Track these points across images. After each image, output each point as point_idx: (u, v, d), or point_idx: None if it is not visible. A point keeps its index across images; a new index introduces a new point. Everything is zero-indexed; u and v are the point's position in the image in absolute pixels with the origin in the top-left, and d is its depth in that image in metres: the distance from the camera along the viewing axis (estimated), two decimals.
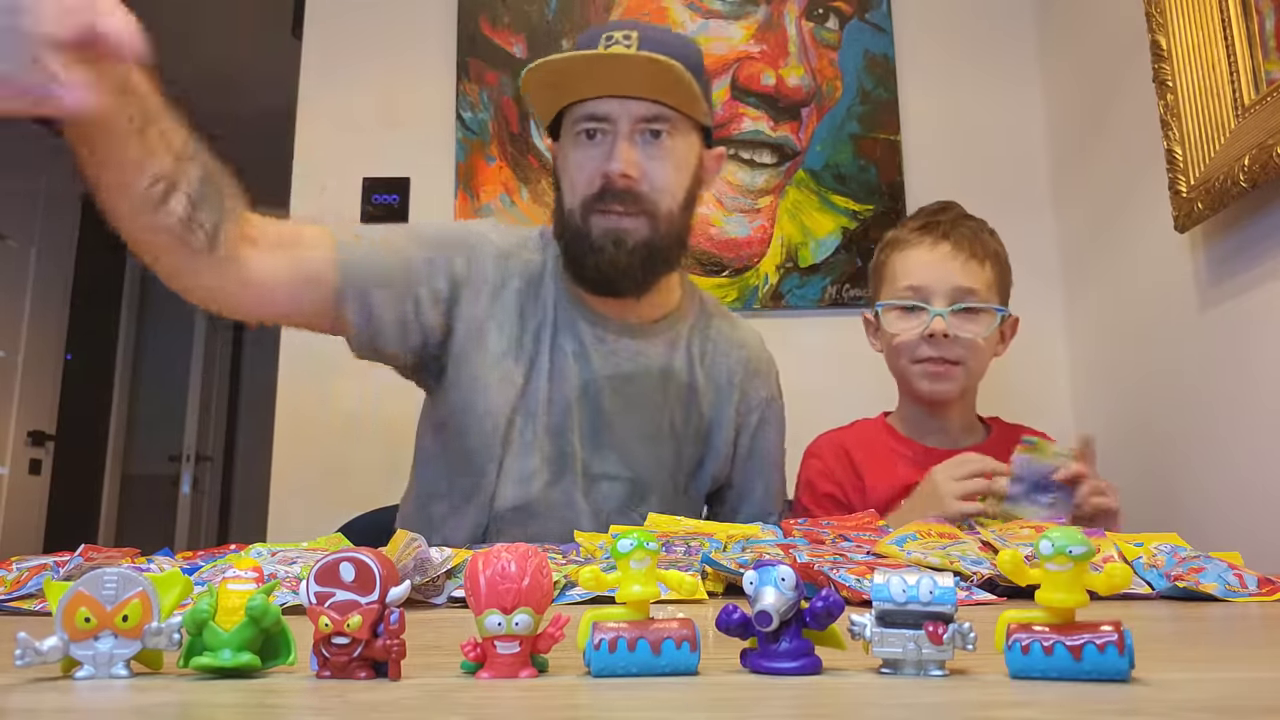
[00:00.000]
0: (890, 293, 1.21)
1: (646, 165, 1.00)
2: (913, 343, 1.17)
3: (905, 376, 1.21)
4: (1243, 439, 1.23)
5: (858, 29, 1.96)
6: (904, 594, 0.34)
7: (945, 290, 1.16)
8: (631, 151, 0.99)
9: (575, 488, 1.05)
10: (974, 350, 1.16)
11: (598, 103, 1.00)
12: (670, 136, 1.02)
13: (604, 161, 1.00)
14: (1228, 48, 1.23)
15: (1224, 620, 0.57)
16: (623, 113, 0.99)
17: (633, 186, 1.00)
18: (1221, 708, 0.30)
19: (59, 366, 3.71)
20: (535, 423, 1.05)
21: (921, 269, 1.18)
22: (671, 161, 1.02)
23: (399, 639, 0.35)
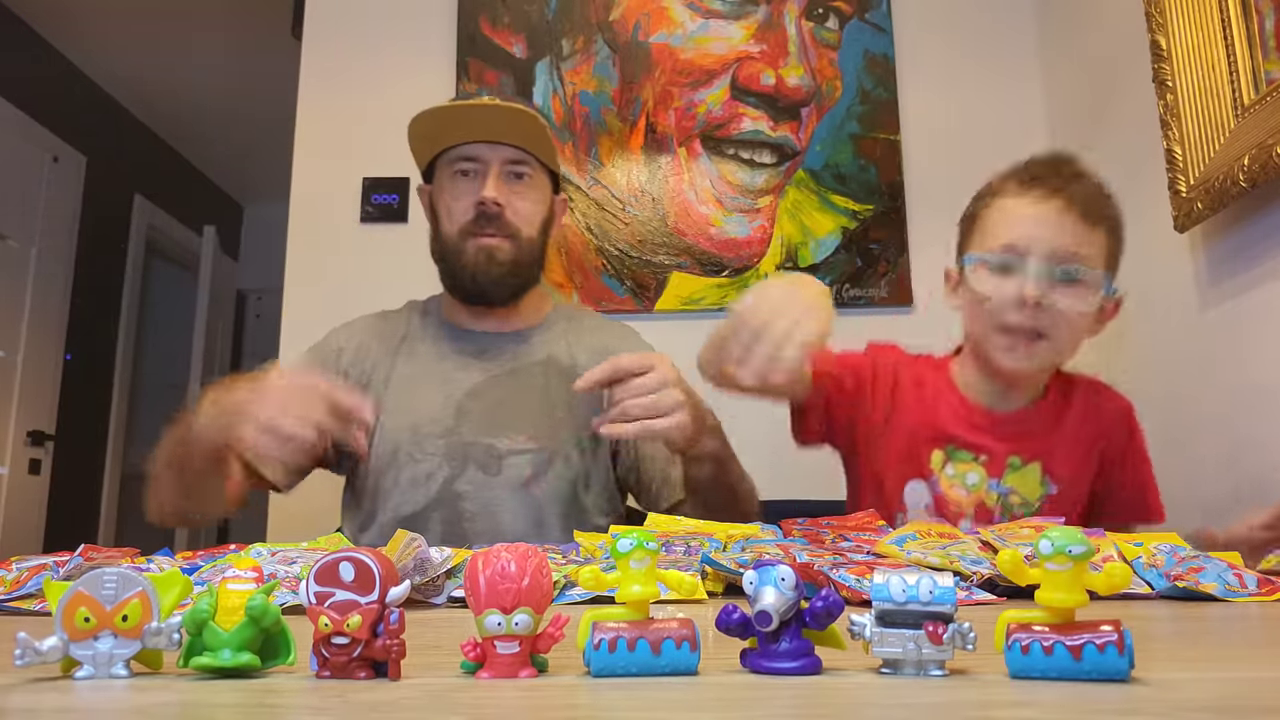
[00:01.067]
0: (982, 247, 1.05)
1: (511, 198, 1.20)
2: (1000, 307, 1.02)
3: (982, 342, 1.07)
4: (1242, 438, 1.23)
5: (858, 29, 1.96)
6: (904, 594, 0.34)
7: (1046, 252, 1.00)
8: (500, 184, 1.20)
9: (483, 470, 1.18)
10: (1066, 325, 1.01)
11: (472, 146, 1.20)
12: (530, 177, 1.23)
13: (477, 193, 1.19)
14: (1228, 48, 1.23)
15: (1224, 620, 0.57)
16: (492, 155, 1.20)
17: (501, 213, 1.19)
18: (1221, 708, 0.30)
19: (59, 366, 3.71)
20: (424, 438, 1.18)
21: (1023, 225, 1.02)
22: (531, 196, 1.23)
23: (399, 639, 0.35)
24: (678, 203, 1.92)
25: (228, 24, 3.54)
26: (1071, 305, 1.00)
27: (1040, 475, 1.08)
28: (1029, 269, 0.99)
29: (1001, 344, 1.03)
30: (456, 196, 1.22)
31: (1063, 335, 1.02)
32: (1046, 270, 0.99)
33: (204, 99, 4.17)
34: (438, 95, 2.06)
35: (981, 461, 1.08)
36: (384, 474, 1.19)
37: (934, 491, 1.09)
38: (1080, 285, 1.00)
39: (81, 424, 3.83)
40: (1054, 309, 0.99)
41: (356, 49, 2.07)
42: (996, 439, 1.09)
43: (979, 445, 1.09)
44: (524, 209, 1.22)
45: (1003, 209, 1.05)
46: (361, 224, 2.00)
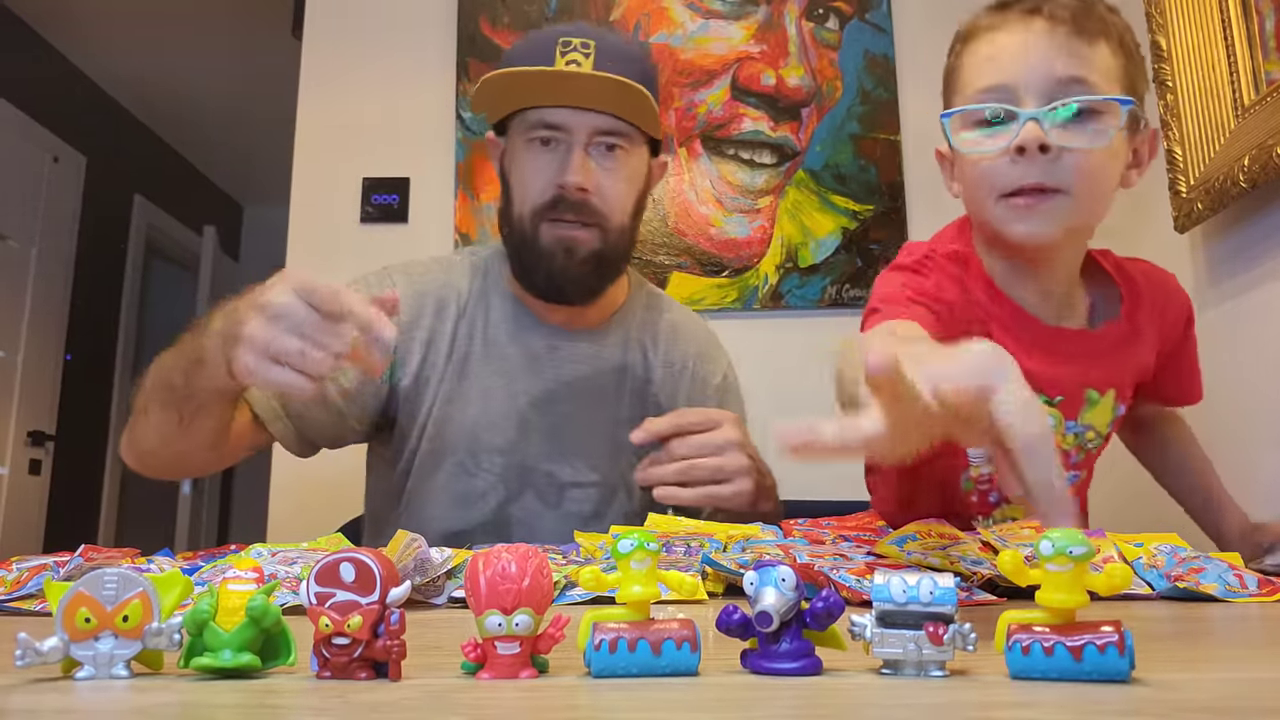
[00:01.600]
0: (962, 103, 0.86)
1: (600, 178, 1.01)
2: (996, 168, 0.82)
3: (989, 220, 0.86)
4: (1242, 439, 1.23)
5: (858, 29, 1.96)
6: (904, 595, 0.34)
7: (1039, 85, 0.80)
8: (586, 164, 1.00)
9: (538, 500, 1.05)
10: (1085, 171, 0.80)
11: (554, 111, 0.99)
12: (624, 150, 1.02)
13: (558, 172, 1.00)
14: (1228, 48, 1.23)
15: (1224, 620, 0.57)
16: (579, 124, 0.99)
17: (586, 199, 1.00)
18: (1221, 708, 0.30)
19: (59, 366, 3.71)
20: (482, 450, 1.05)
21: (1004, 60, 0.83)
22: (624, 174, 1.03)
23: (399, 639, 0.35)
24: (678, 203, 1.92)
25: (228, 24, 3.54)
26: (1087, 141, 0.79)
27: (1114, 402, 0.93)
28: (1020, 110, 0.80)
29: (1009, 212, 0.82)
30: (533, 170, 1.01)
31: (1085, 185, 0.81)
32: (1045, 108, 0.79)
33: (204, 99, 4.17)
34: (438, 95, 2.07)
35: (1057, 403, 0.89)
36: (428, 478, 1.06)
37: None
38: (1090, 117, 0.79)
39: (81, 424, 3.83)
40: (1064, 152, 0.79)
41: (356, 49, 2.07)
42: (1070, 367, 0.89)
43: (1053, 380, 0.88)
44: (615, 191, 1.02)
45: (980, 49, 0.86)
46: (361, 224, 2.00)
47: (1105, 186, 0.84)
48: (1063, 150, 0.79)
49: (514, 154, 1.04)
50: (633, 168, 1.04)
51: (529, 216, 1.02)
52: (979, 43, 0.87)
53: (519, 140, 1.03)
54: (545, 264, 1.02)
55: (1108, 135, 0.79)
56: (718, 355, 1.19)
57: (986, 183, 0.83)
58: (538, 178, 1.01)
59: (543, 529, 1.04)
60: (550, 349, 1.08)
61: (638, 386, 1.11)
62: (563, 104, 0.99)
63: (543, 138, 1.01)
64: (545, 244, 1.01)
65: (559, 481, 1.05)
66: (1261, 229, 1.19)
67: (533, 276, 1.04)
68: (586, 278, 1.03)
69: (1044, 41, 0.81)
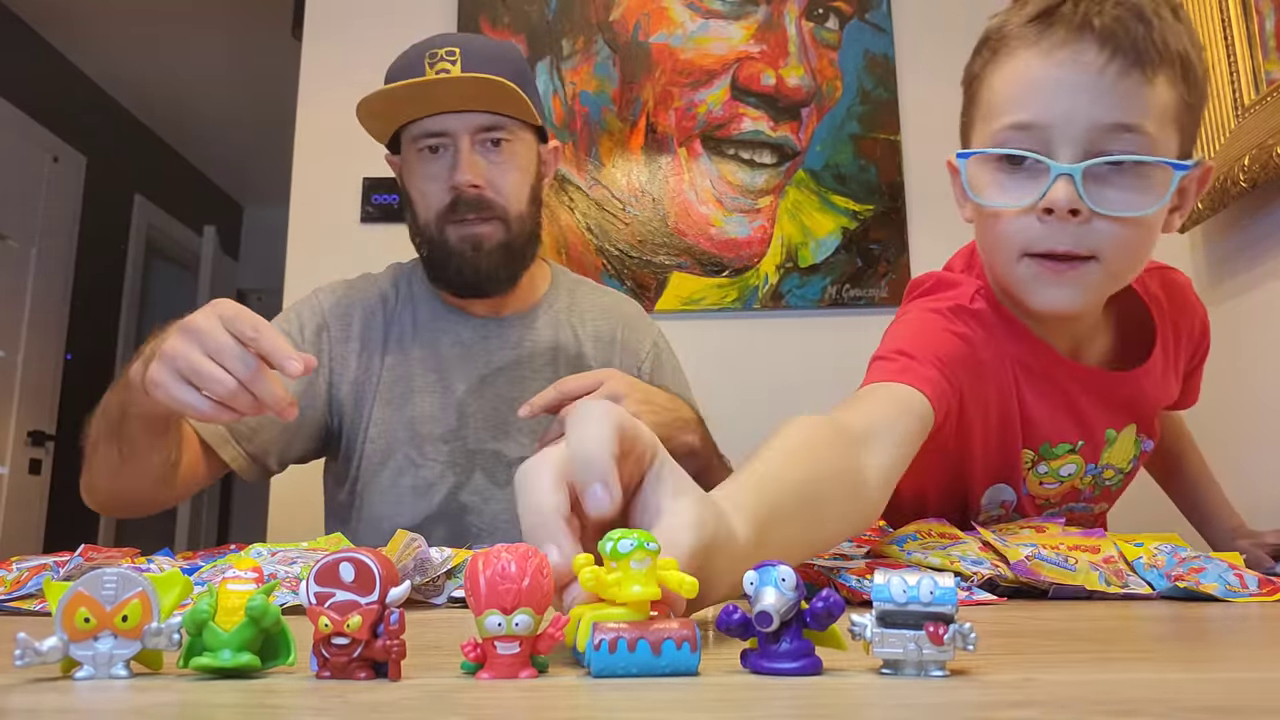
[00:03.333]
0: (985, 134, 0.73)
1: (491, 173, 1.05)
2: (1020, 225, 0.71)
3: (1008, 280, 0.76)
4: (1242, 439, 1.23)
5: (858, 29, 1.96)
6: (904, 594, 0.34)
7: (1080, 130, 0.67)
8: (475, 161, 1.04)
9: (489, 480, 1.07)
10: (1122, 237, 0.69)
11: (436, 119, 1.04)
12: (509, 142, 1.06)
13: (450, 174, 1.04)
14: (1228, 48, 1.23)
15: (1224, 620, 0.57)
16: (460, 126, 1.04)
17: (482, 194, 1.04)
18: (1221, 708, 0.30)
19: (59, 366, 3.71)
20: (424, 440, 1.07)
21: (1038, 93, 0.69)
22: (514, 165, 1.07)
23: (399, 639, 0.35)
24: (678, 203, 1.92)
25: (228, 25, 3.54)
26: (1129, 203, 0.67)
27: (1135, 436, 0.86)
28: (1053, 162, 0.67)
29: (1030, 274, 0.72)
30: (428, 178, 1.06)
31: (1121, 253, 0.70)
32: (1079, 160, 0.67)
33: (204, 99, 4.18)
34: None
35: (1079, 449, 0.83)
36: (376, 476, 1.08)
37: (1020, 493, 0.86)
38: (1136, 172, 0.67)
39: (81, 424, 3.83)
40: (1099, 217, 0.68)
41: (356, 49, 2.07)
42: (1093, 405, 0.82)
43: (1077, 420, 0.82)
44: (508, 182, 1.06)
45: (1009, 70, 0.71)
46: (361, 224, 2.00)
47: (1144, 251, 0.72)
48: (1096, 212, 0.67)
49: (409, 167, 1.09)
50: (522, 157, 1.08)
51: (434, 222, 1.06)
52: (1012, 60, 0.71)
53: (410, 153, 1.08)
54: (456, 262, 1.06)
55: (1154, 203, 0.68)
56: (644, 325, 1.23)
57: (1006, 239, 0.73)
58: (433, 184, 1.05)
59: (495, 510, 1.07)
60: (481, 337, 1.12)
61: (570, 360, 1.14)
62: (439, 111, 1.03)
63: (430, 145, 1.05)
64: (453, 244, 1.05)
65: (506, 459, 1.08)
66: (1261, 229, 1.19)
67: (447, 276, 1.09)
68: (497, 269, 1.08)
69: (1090, 76, 0.67)
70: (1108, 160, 0.67)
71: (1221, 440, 1.28)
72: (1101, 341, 0.85)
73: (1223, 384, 1.28)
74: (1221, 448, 1.28)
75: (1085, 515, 0.94)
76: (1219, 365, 1.28)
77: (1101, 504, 0.95)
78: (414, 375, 1.10)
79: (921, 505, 0.88)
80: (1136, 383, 0.84)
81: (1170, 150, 0.69)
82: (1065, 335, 0.82)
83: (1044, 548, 0.69)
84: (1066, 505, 0.91)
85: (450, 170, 1.04)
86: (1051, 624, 0.51)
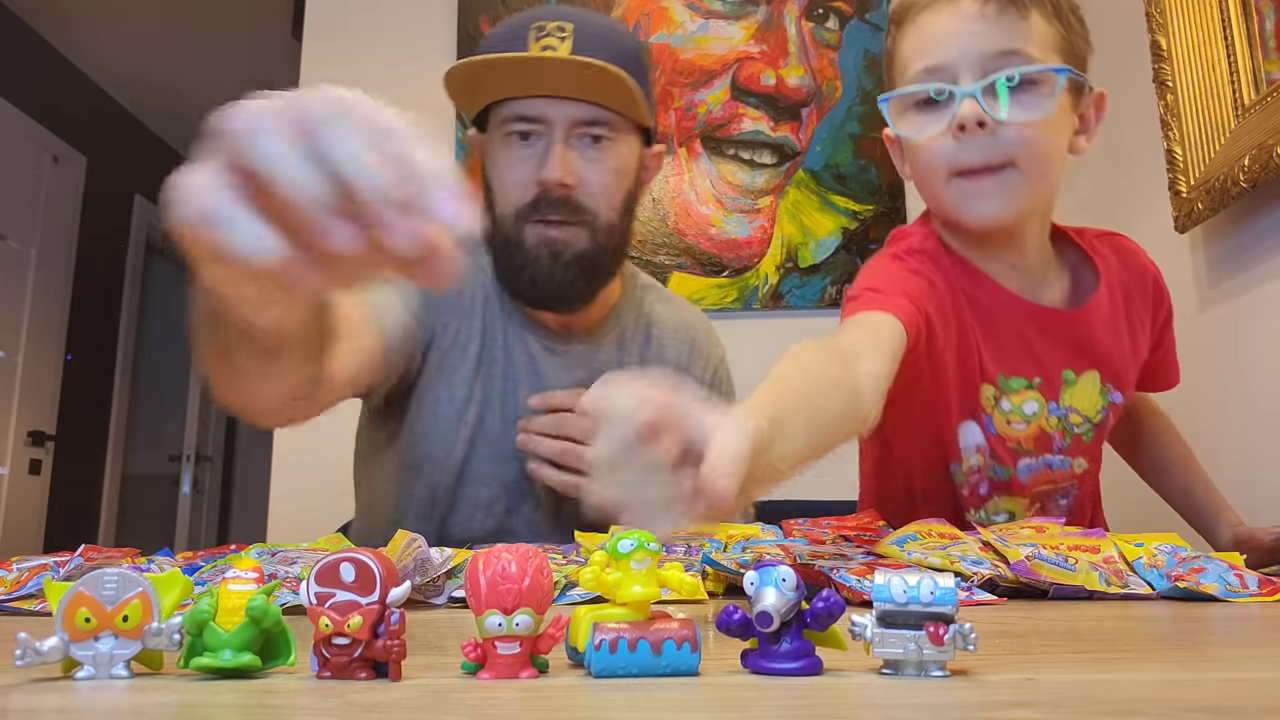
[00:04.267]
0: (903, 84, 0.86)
1: (585, 172, 0.93)
2: (941, 148, 0.82)
3: (944, 204, 0.85)
4: (1242, 439, 1.23)
5: (858, 29, 1.96)
6: (905, 594, 0.34)
7: (974, 62, 0.80)
8: (569, 157, 0.91)
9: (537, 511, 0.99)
10: (1031, 143, 0.79)
11: (530, 103, 0.91)
12: (610, 140, 0.94)
13: (538, 168, 0.92)
14: (1228, 48, 1.23)
15: (1224, 620, 0.57)
16: (559, 115, 0.91)
17: (570, 195, 0.92)
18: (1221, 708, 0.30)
19: (59, 366, 3.71)
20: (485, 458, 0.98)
21: (938, 39, 0.82)
22: (611, 167, 0.94)
23: (399, 639, 0.35)
24: (678, 203, 1.92)
25: (228, 24, 3.54)
26: (1025, 114, 0.78)
27: (1099, 385, 0.92)
28: (957, 89, 0.79)
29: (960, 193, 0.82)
30: (511, 166, 0.93)
31: (1030, 156, 0.80)
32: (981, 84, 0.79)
33: (204, 100, 4.16)
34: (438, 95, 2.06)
35: (1036, 385, 0.90)
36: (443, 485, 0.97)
37: (988, 434, 0.91)
38: (1029, 88, 0.79)
39: (81, 424, 3.83)
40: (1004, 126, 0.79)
41: (356, 49, 2.07)
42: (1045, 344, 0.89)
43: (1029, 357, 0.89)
44: (602, 185, 0.93)
45: (913, 29, 0.86)
46: None
47: (1052, 155, 0.83)
48: (1002, 124, 0.78)
49: (492, 150, 0.96)
50: (621, 159, 0.95)
51: (511, 217, 0.94)
52: (911, 25, 0.86)
53: (497, 135, 0.95)
54: (530, 269, 0.94)
55: (1047, 105, 0.79)
56: (709, 350, 1.14)
57: (933, 164, 0.83)
58: (517, 174, 0.93)
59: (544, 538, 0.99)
60: (548, 351, 1.02)
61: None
62: (538, 93, 0.91)
63: (520, 131, 0.93)
64: (530, 246, 0.94)
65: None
66: (1261, 229, 1.19)
67: (517, 283, 0.97)
68: (574, 282, 0.95)
69: (974, 18, 0.81)
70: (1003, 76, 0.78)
71: (1221, 440, 1.28)
72: (1058, 289, 0.92)
73: (1222, 384, 1.28)
74: (1221, 447, 1.28)
75: (1066, 477, 0.95)
76: (1219, 365, 1.29)
77: (1079, 460, 0.95)
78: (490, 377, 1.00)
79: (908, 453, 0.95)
80: (1084, 323, 0.90)
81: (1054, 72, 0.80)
82: (1015, 273, 0.89)
83: (1044, 548, 0.69)
84: (1043, 457, 0.91)
85: (539, 162, 0.92)
86: (1051, 624, 0.51)
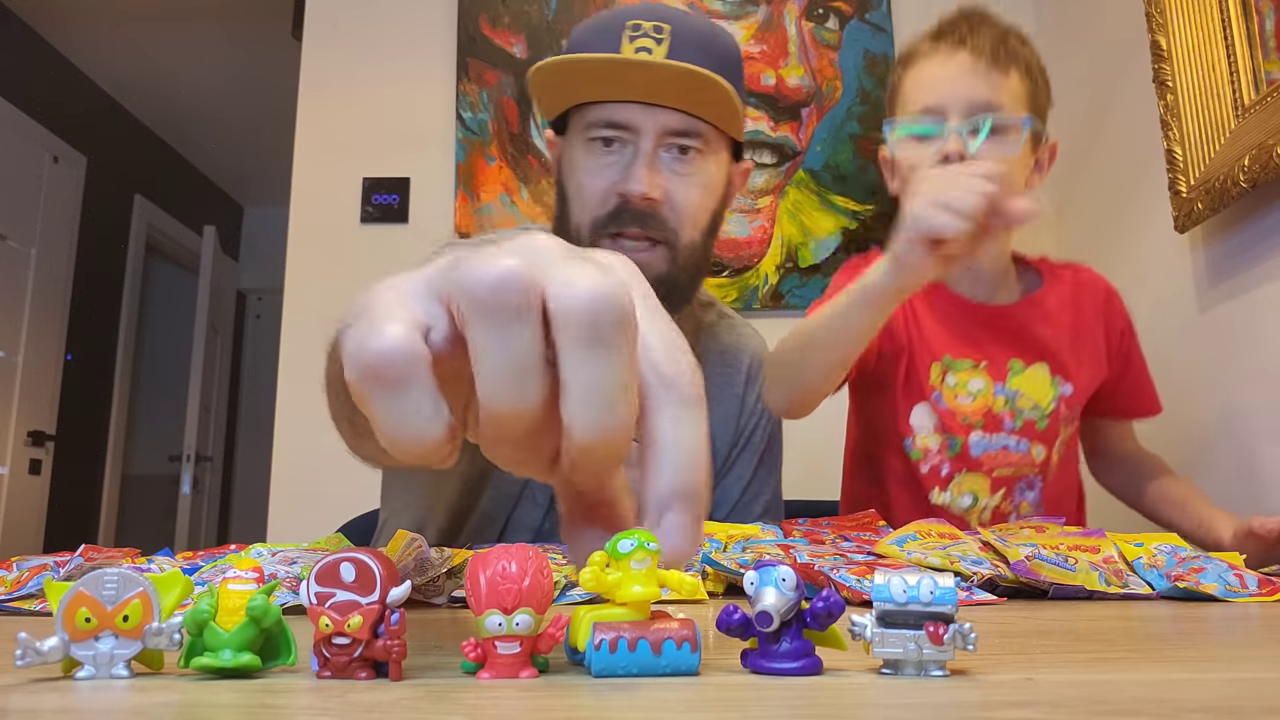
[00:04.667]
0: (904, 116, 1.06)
1: (671, 186, 0.87)
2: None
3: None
4: (1242, 439, 1.23)
5: (858, 29, 1.96)
6: (904, 594, 0.34)
7: (962, 106, 0.99)
8: (656, 169, 0.86)
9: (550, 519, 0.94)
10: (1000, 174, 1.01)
11: (619, 108, 0.86)
12: (700, 153, 0.88)
13: (622, 178, 0.86)
14: (1228, 48, 1.23)
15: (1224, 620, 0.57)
16: (649, 124, 0.86)
17: (655, 210, 0.86)
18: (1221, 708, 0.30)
19: (59, 366, 3.71)
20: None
21: (936, 84, 1.01)
22: (699, 182, 0.89)
23: (399, 639, 0.35)
24: None
25: (228, 25, 3.54)
26: (1000, 152, 0.97)
27: (1049, 376, 1.05)
28: (947, 128, 0.98)
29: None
30: (592, 174, 0.88)
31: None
32: (966, 125, 0.98)
33: (204, 99, 4.18)
34: (438, 95, 2.06)
35: (983, 367, 1.04)
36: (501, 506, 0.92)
37: (939, 409, 1.05)
38: (1001, 132, 0.98)
39: (81, 424, 3.83)
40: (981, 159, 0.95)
41: (356, 49, 2.07)
42: (992, 337, 1.06)
43: (976, 346, 1.05)
44: (688, 202, 0.88)
45: (917, 73, 1.04)
46: (362, 224, 2.01)
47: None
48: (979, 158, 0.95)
49: (573, 155, 0.90)
50: (710, 175, 0.90)
51: (588, 229, 0.88)
52: (916, 68, 1.05)
53: (578, 140, 0.90)
54: None
55: (1013, 146, 0.99)
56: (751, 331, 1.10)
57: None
58: (598, 182, 0.88)
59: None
60: None
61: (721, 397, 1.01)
62: (628, 99, 0.85)
63: (605, 138, 0.87)
64: None
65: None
66: (1261, 229, 1.19)
67: None
68: None
69: (967, 71, 1.00)
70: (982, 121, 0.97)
71: (1222, 439, 1.28)
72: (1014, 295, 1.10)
73: (1222, 384, 1.28)
74: (1222, 447, 1.28)
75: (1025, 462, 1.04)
76: (1219, 365, 1.28)
77: (1037, 446, 1.05)
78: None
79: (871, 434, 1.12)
80: (1023, 316, 1.07)
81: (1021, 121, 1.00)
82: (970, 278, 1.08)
83: (1044, 548, 0.69)
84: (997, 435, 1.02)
85: (623, 172, 0.87)
86: (1051, 624, 0.51)
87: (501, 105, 1.97)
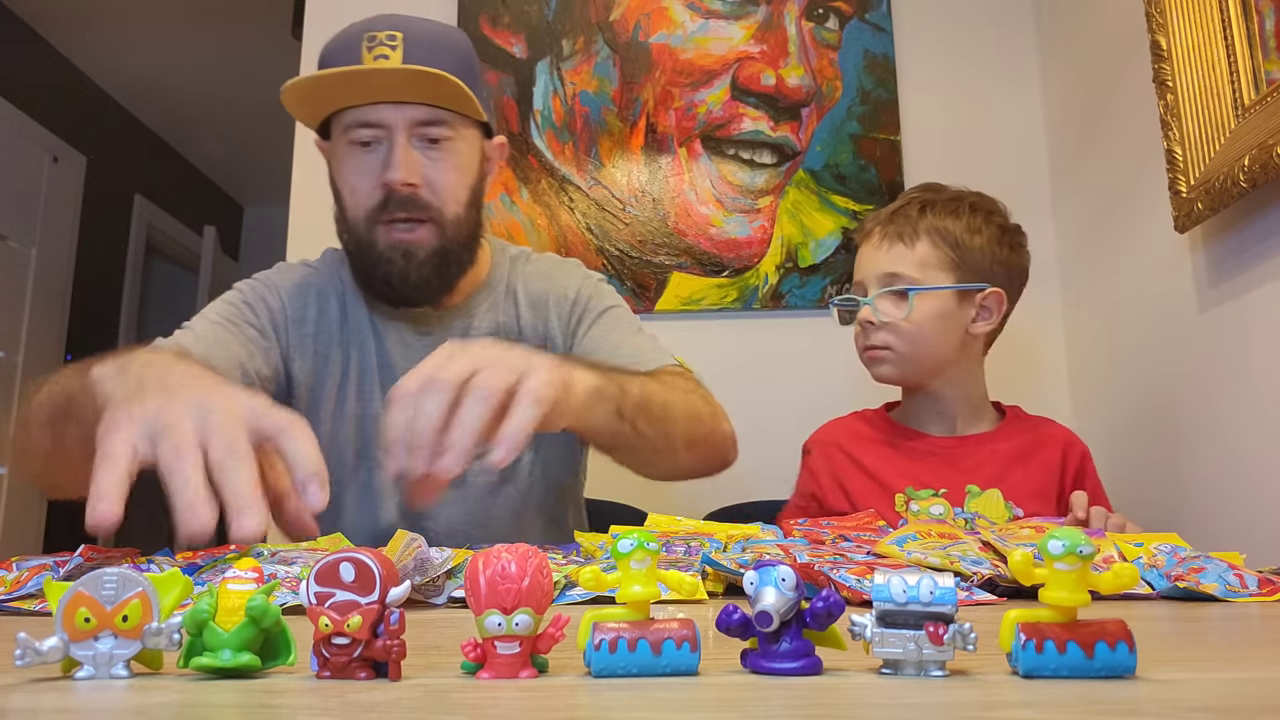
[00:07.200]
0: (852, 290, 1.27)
1: (428, 171, 0.97)
2: (858, 335, 1.23)
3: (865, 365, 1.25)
4: (1243, 439, 1.23)
5: (858, 29, 1.96)
6: (904, 594, 0.34)
7: (872, 278, 1.19)
8: (410, 157, 0.96)
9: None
10: (900, 332, 1.16)
11: (370, 109, 0.96)
12: (449, 139, 0.99)
13: (383, 170, 0.96)
14: (1228, 48, 1.23)
15: (1224, 620, 0.57)
16: (398, 119, 0.96)
17: (415, 194, 0.97)
18: (1222, 708, 0.30)
19: (59, 367, 3.71)
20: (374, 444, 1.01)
21: (860, 263, 1.23)
22: (453, 164, 0.99)
23: (399, 639, 0.35)
24: (678, 203, 1.92)
25: (228, 24, 3.54)
26: (893, 315, 1.16)
27: (1003, 500, 1.16)
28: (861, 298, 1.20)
29: (868, 361, 1.22)
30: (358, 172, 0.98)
31: (903, 343, 1.17)
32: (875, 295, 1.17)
33: (205, 99, 4.17)
34: None
35: (942, 494, 1.16)
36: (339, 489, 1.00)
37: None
38: (904, 296, 1.16)
39: None
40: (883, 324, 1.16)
41: None
42: (948, 464, 1.19)
43: (936, 475, 1.17)
44: (445, 182, 0.99)
45: (858, 255, 1.25)
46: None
47: (925, 340, 1.17)
48: (883, 323, 1.17)
49: (338, 158, 1.01)
50: (463, 155, 1.00)
51: (363, 220, 0.98)
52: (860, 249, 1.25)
53: (340, 142, 1.00)
54: (384, 270, 0.98)
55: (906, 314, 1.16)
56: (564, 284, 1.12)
57: (856, 345, 1.24)
58: (363, 179, 0.98)
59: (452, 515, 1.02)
60: (422, 334, 1.05)
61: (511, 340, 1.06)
62: (373, 99, 0.95)
63: (363, 138, 0.98)
64: (381, 249, 0.98)
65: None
66: (1261, 229, 1.19)
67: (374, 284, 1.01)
68: (429, 279, 1.00)
69: (875, 248, 1.20)
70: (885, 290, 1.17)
71: (1221, 440, 1.28)
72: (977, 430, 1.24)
73: (1223, 384, 1.28)
74: (1221, 447, 1.28)
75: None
76: (1219, 365, 1.28)
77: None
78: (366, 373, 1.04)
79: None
80: (973, 449, 1.21)
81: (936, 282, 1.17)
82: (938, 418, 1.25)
83: None
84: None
85: (383, 166, 0.97)
86: None
87: (501, 105, 1.97)
